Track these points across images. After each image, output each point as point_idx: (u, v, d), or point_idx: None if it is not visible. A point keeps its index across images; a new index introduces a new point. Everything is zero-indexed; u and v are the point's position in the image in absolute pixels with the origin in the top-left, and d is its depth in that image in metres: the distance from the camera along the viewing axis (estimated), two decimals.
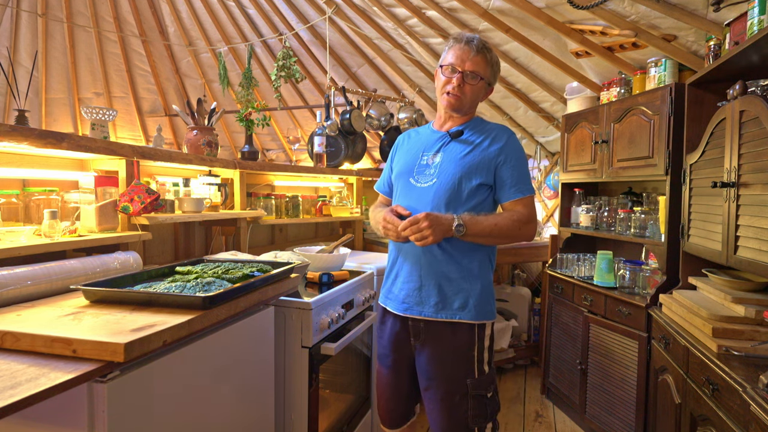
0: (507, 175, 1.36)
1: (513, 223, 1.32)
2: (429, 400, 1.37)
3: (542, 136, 3.57)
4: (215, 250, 2.25)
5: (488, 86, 1.42)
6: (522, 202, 1.36)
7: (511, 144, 1.38)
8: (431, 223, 1.24)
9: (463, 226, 1.27)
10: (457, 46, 1.38)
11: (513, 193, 1.35)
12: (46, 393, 0.77)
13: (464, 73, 1.35)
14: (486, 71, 1.38)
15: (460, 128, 1.41)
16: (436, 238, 1.26)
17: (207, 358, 1.18)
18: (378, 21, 3.36)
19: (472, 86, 1.37)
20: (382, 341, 1.48)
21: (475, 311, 1.33)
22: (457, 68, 1.36)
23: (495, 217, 1.33)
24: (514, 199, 1.36)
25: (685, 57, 2.09)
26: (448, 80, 1.38)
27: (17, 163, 1.47)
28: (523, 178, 1.37)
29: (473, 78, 1.36)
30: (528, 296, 3.44)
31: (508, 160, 1.36)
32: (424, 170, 1.41)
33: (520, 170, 1.37)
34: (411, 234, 1.26)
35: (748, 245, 1.35)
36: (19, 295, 1.18)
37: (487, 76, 1.39)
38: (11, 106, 4.10)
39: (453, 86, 1.36)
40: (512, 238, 1.34)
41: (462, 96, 1.37)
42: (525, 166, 1.39)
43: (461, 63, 1.36)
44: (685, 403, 1.51)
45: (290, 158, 5.04)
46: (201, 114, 2.21)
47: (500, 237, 1.33)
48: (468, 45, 1.36)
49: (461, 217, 1.28)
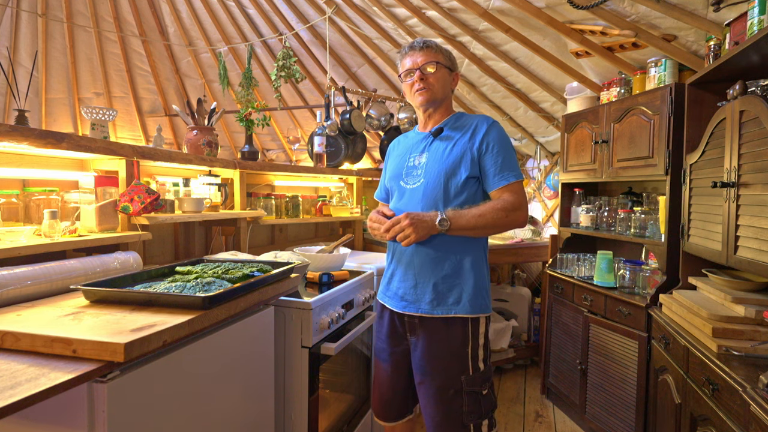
0: (490, 164, 1.36)
1: (498, 211, 1.31)
2: (423, 395, 1.39)
3: (542, 136, 3.57)
4: (215, 250, 2.26)
5: (450, 72, 1.48)
6: (508, 188, 1.35)
7: (492, 132, 1.39)
8: (411, 221, 1.28)
9: (447, 220, 1.30)
10: (405, 53, 1.47)
11: (498, 181, 1.35)
12: (46, 393, 0.77)
13: (420, 67, 1.42)
14: (438, 56, 1.44)
15: (441, 126, 1.46)
16: (419, 236, 1.29)
17: (207, 358, 1.18)
18: (378, 21, 3.35)
19: (434, 74, 1.43)
20: (380, 336, 1.52)
21: (469, 305, 1.36)
22: (413, 68, 1.44)
23: (479, 207, 1.32)
24: (499, 186, 1.35)
25: (685, 57, 2.09)
26: (412, 83, 1.45)
27: (17, 163, 1.47)
28: (508, 164, 1.36)
29: (430, 66, 1.42)
30: (528, 296, 3.44)
31: (490, 148, 1.37)
32: (411, 172, 1.46)
33: (504, 156, 1.36)
34: (394, 234, 1.31)
35: (748, 245, 1.35)
36: (19, 295, 1.18)
37: (443, 61, 1.45)
38: (11, 106, 4.09)
39: (418, 84, 1.43)
40: (501, 226, 1.34)
41: (429, 87, 1.43)
42: (509, 151, 1.39)
43: (414, 62, 1.44)
44: (685, 403, 1.51)
45: (290, 158, 5.04)
46: (201, 114, 2.21)
47: (487, 227, 1.32)
48: (412, 47, 1.46)
49: (444, 212, 1.31)
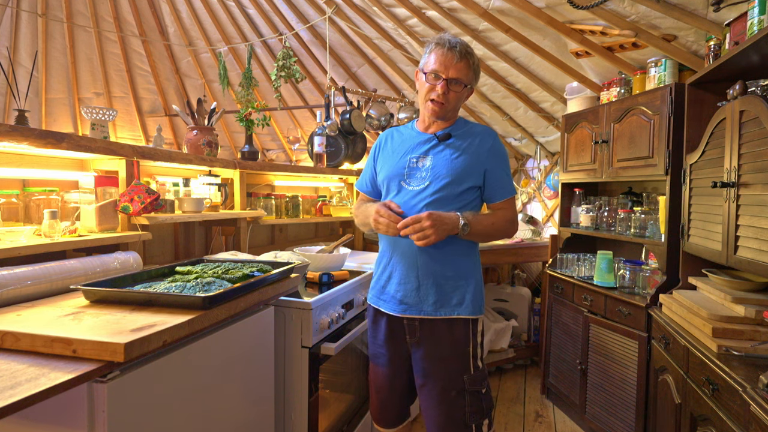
0: (496, 177, 1.42)
1: (506, 222, 1.42)
2: (425, 397, 1.38)
3: (542, 136, 3.57)
4: (215, 250, 2.26)
5: (470, 90, 1.43)
6: (509, 202, 1.45)
7: (497, 147, 1.44)
8: (434, 222, 1.24)
9: (468, 225, 1.31)
10: (440, 51, 1.33)
11: (503, 194, 1.44)
12: (46, 393, 0.77)
13: (448, 80, 1.32)
14: (469, 77, 1.37)
15: (447, 131, 1.43)
16: (439, 237, 1.26)
17: (207, 358, 1.18)
18: (378, 21, 3.35)
19: (456, 93, 1.36)
20: (376, 341, 1.48)
21: (471, 306, 1.37)
22: (441, 75, 1.33)
23: (492, 216, 1.40)
24: (504, 199, 1.44)
25: (685, 57, 2.09)
26: (431, 87, 1.35)
27: (17, 163, 1.47)
28: (509, 179, 1.46)
29: (457, 84, 1.35)
30: (528, 296, 3.44)
31: (497, 163, 1.42)
32: (415, 173, 1.41)
33: (506, 172, 1.45)
34: (412, 233, 1.25)
35: (748, 245, 1.35)
36: (19, 295, 1.18)
37: (471, 81, 1.39)
38: (11, 106, 4.10)
39: (437, 94, 1.34)
40: (502, 236, 1.44)
41: (446, 104, 1.36)
42: (509, 167, 1.47)
43: (445, 70, 1.32)
44: (685, 403, 1.51)
45: (290, 158, 5.04)
46: (201, 114, 2.21)
47: (494, 235, 1.42)
48: (451, 51, 1.32)
49: (465, 216, 1.30)
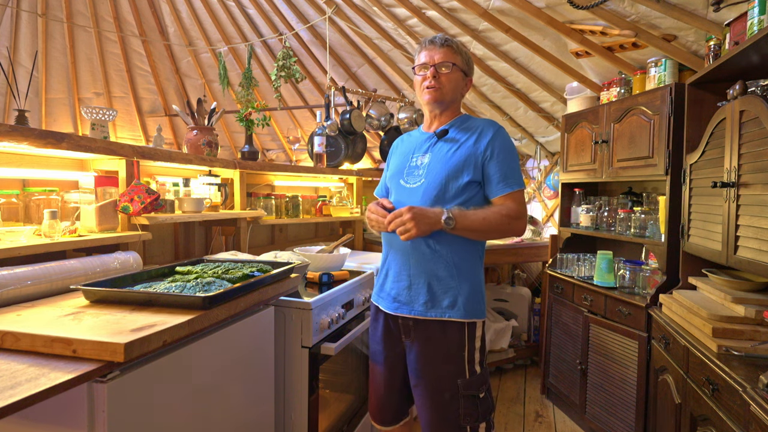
0: (494, 170, 1.34)
1: (502, 217, 1.31)
2: (418, 397, 1.38)
3: (542, 136, 3.57)
4: (215, 250, 2.26)
5: (465, 76, 1.45)
6: (511, 196, 1.34)
7: (498, 138, 1.37)
8: (414, 215, 1.25)
9: (453, 219, 1.27)
10: (423, 48, 1.43)
11: (501, 188, 1.34)
12: (46, 393, 0.77)
13: (436, 65, 1.39)
14: (456, 58, 1.41)
15: (446, 127, 1.43)
16: (420, 231, 1.26)
17: (207, 358, 1.18)
18: (378, 21, 3.35)
19: (447, 75, 1.40)
20: (375, 338, 1.50)
21: (464, 310, 1.33)
22: (428, 64, 1.40)
23: (484, 211, 1.32)
24: (503, 194, 1.34)
25: (685, 57, 2.09)
26: (423, 78, 1.42)
27: (17, 163, 1.47)
28: (512, 172, 1.35)
29: (445, 67, 1.39)
30: (528, 296, 3.44)
31: (495, 155, 1.35)
32: (413, 171, 1.43)
33: (508, 164, 1.35)
34: (395, 227, 1.27)
35: (748, 245, 1.35)
36: (19, 295, 1.18)
37: (459, 63, 1.41)
38: (11, 106, 4.09)
39: (429, 80, 1.40)
40: (502, 233, 1.34)
41: (440, 86, 1.40)
42: (514, 159, 1.37)
43: (430, 58, 1.40)
44: (685, 403, 1.51)
45: (290, 158, 5.04)
46: (201, 114, 2.21)
47: (489, 232, 1.32)
48: (432, 43, 1.41)
49: (450, 210, 1.28)
